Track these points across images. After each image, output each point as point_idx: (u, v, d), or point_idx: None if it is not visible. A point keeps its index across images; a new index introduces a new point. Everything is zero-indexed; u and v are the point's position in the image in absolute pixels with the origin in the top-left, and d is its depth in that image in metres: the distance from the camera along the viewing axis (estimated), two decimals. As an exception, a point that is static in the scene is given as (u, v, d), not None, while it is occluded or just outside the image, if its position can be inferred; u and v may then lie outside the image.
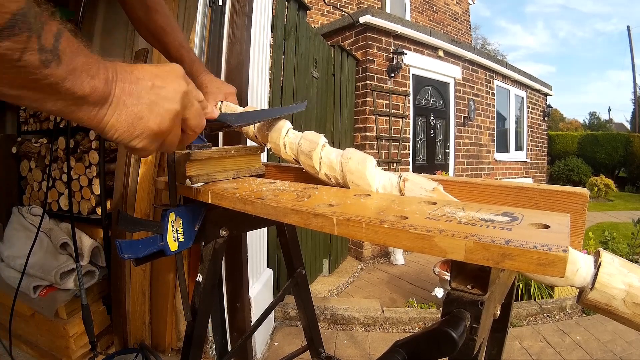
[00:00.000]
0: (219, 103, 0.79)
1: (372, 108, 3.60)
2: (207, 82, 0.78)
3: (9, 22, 0.26)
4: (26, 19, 0.27)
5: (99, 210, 1.57)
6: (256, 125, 0.73)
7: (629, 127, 20.01)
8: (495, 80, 5.46)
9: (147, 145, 0.40)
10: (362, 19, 3.52)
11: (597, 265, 0.36)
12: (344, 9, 5.41)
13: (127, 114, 0.37)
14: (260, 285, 1.74)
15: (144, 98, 0.38)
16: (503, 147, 5.89)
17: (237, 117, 0.63)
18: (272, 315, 2.01)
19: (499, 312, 0.43)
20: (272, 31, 1.89)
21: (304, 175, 0.68)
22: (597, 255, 0.37)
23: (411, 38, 3.97)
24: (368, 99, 3.58)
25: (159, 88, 0.39)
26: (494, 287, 0.38)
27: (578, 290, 0.37)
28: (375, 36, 3.65)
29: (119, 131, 0.37)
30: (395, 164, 3.84)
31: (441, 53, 4.40)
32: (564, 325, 2.10)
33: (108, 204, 1.56)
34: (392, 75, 3.76)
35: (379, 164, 2.12)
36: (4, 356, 1.37)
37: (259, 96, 1.64)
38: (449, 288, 0.38)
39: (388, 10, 6.22)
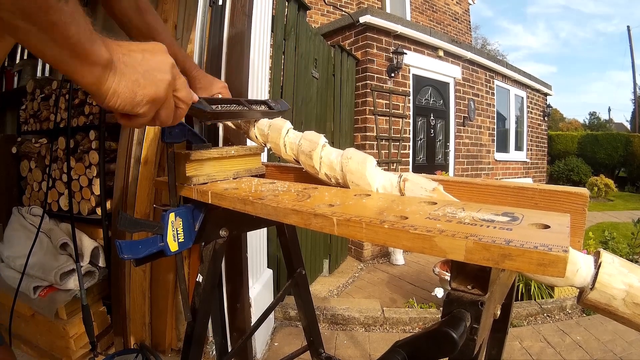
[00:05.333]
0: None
1: (372, 108, 3.59)
2: (199, 77, 0.80)
3: None
4: None
5: (99, 211, 1.57)
6: (257, 126, 0.73)
7: (629, 127, 20.00)
8: (495, 80, 5.45)
9: (147, 111, 0.43)
10: (362, 19, 3.51)
11: (597, 266, 0.36)
12: (344, 9, 5.41)
13: (126, 81, 0.39)
14: (260, 285, 1.74)
15: (138, 67, 0.40)
16: (503, 147, 5.88)
17: (213, 103, 0.64)
18: (272, 315, 2.01)
19: (499, 312, 0.43)
20: (272, 31, 1.89)
21: (304, 175, 0.68)
22: (597, 255, 0.37)
23: (411, 38, 3.97)
24: (368, 98, 3.58)
25: (149, 60, 0.42)
26: (494, 287, 0.38)
27: (578, 290, 0.37)
28: (375, 36, 3.64)
29: (121, 97, 0.39)
30: (395, 164, 3.84)
31: (441, 53, 4.40)
32: (564, 325, 2.10)
33: (108, 204, 1.56)
34: (392, 75, 3.75)
35: (379, 164, 2.12)
36: (4, 356, 1.37)
37: (259, 96, 1.64)
38: (449, 288, 0.38)
39: (388, 10, 6.22)
